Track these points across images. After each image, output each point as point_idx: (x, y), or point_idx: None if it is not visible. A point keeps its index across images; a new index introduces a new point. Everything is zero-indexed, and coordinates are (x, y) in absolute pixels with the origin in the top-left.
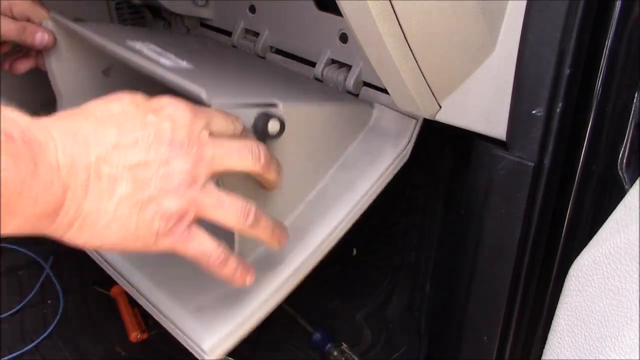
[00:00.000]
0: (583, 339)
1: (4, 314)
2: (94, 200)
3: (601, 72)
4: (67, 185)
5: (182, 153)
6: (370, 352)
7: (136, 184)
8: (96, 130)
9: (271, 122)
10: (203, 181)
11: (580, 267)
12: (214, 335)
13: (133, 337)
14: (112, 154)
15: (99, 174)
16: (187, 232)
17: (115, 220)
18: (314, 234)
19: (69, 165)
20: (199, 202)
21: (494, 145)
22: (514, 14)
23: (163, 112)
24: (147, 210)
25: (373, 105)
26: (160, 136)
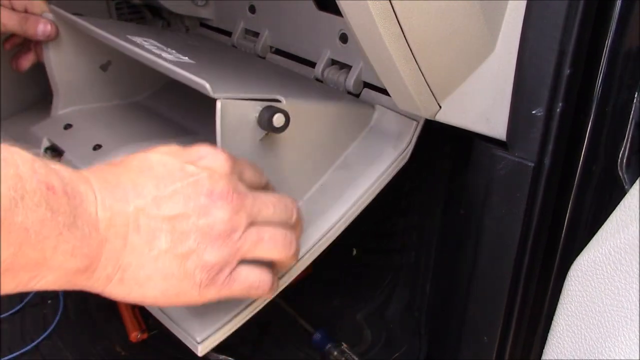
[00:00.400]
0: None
1: (4, 314)
2: (133, 254)
3: (601, 72)
4: (105, 238)
5: (221, 203)
6: (371, 352)
7: (176, 236)
8: (135, 182)
9: (277, 115)
10: (243, 229)
11: (580, 267)
12: (207, 327)
13: (133, 337)
14: (150, 206)
15: (138, 226)
16: (229, 278)
17: (156, 274)
18: (311, 232)
19: (107, 218)
20: (240, 249)
21: (494, 145)
22: (514, 14)
23: (201, 162)
24: (188, 263)
25: (374, 107)
26: (198, 187)
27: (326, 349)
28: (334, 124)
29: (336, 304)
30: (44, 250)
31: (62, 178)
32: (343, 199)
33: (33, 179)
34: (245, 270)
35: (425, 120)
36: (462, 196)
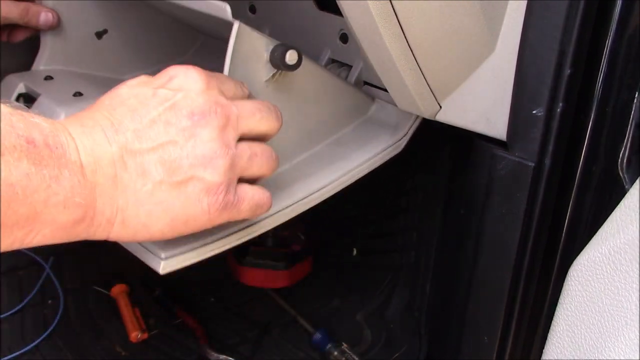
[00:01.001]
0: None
1: (4, 314)
2: (127, 192)
3: (602, 72)
4: (95, 183)
5: (205, 121)
6: (371, 352)
7: (167, 166)
8: (110, 121)
9: (289, 52)
10: (234, 144)
11: (580, 267)
12: (174, 248)
13: (133, 337)
14: (132, 141)
15: (124, 164)
16: (236, 197)
17: (157, 207)
18: (296, 190)
19: (92, 162)
20: (237, 164)
21: (494, 145)
22: (515, 14)
23: (174, 83)
24: (189, 189)
25: (374, 100)
26: (177, 110)
27: (326, 349)
28: (336, 100)
29: (336, 304)
30: (33, 204)
31: (41, 130)
32: (331, 169)
33: (12, 135)
34: (248, 188)
35: (425, 119)
36: (462, 196)
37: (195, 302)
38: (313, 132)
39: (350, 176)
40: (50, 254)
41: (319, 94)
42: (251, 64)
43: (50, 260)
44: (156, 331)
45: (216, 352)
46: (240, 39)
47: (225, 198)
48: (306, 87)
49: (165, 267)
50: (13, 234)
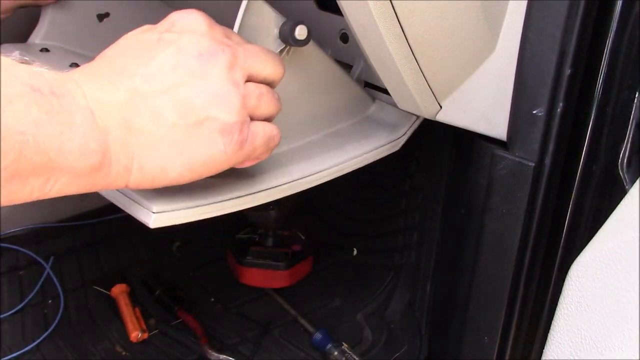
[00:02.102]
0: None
1: (4, 314)
2: (142, 137)
3: (602, 72)
4: (106, 129)
5: (213, 60)
6: (371, 352)
7: (180, 107)
8: (115, 68)
9: (299, 27)
10: (242, 82)
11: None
12: (166, 204)
13: (133, 337)
14: (141, 85)
15: (136, 108)
16: (250, 133)
17: (172, 150)
18: (293, 170)
19: (101, 108)
20: (248, 103)
21: (495, 145)
22: (515, 14)
23: (177, 26)
24: (204, 130)
25: (375, 100)
26: (183, 51)
27: (326, 349)
28: (339, 92)
29: (336, 304)
30: (47, 152)
31: (46, 79)
32: (326, 157)
33: (16, 84)
34: (259, 123)
35: (425, 119)
36: (462, 196)
37: (195, 302)
38: (314, 119)
39: (346, 166)
40: (50, 254)
41: (324, 81)
42: (260, 38)
43: (51, 260)
44: (156, 331)
45: (216, 352)
46: (250, 12)
47: (241, 136)
48: (312, 71)
49: (156, 221)
50: (30, 183)
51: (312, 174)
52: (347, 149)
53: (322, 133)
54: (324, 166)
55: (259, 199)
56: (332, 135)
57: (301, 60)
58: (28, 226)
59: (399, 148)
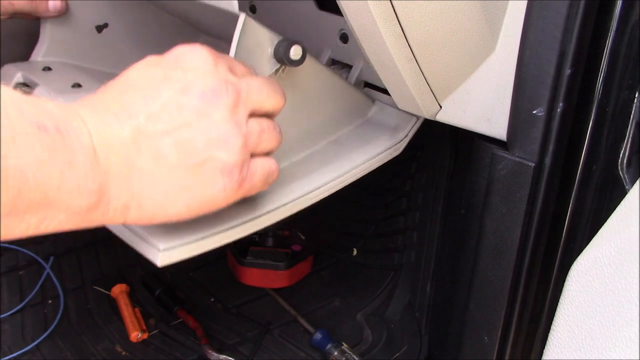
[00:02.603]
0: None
1: (4, 314)
2: (143, 177)
3: (602, 72)
4: (108, 168)
5: (217, 101)
6: (371, 352)
7: (182, 148)
8: (122, 103)
9: (294, 47)
10: (246, 122)
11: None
12: (173, 239)
13: (133, 337)
14: (145, 124)
15: (139, 148)
16: (249, 172)
17: (173, 190)
18: (295, 187)
19: (105, 147)
20: (249, 142)
21: (495, 145)
22: (515, 14)
23: (183, 64)
24: (205, 170)
25: (374, 102)
26: (188, 91)
27: (326, 349)
28: (337, 100)
29: (336, 304)
30: (46, 191)
31: (52, 116)
32: (330, 168)
33: (22, 121)
34: (258, 161)
35: (425, 119)
36: (462, 196)
37: (195, 302)
38: (314, 130)
39: (348, 176)
40: (50, 253)
41: (321, 93)
42: (255, 58)
43: (51, 260)
44: (156, 331)
45: (216, 352)
46: (245, 32)
47: (241, 175)
48: (309, 84)
49: (164, 259)
50: (25, 220)
51: (314, 189)
52: (348, 158)
53: (323, 143)
54: (325, 179)
55: (264, 222)
56: (333, 144)
57: (298, 75)
58: None
59: (400, 152)
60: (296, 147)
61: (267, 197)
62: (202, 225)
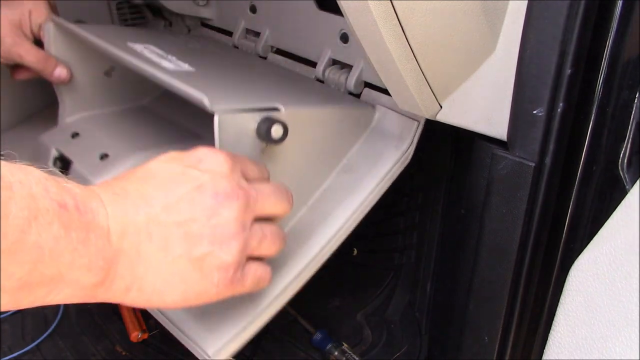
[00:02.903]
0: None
1: (4, 314)
2: (149, 262)
3: (602, 72)
4: (119, 250)
5: (228, 203)
6: (371, 352)
7: (189, 240)
8: (142, 192)
9: (274, 126)
10: (250, 225)
11: (581, 267)
12: (218, 339)
13: (134, 337)
14: (160, 213)
15: (150, 235)
16: (242, 274)
17: (174, 279)
18: (315, 238)
19: (119, 230)
20: (249, 246)
21: (495, 145)
22: (515, 14)
23: (202, 165)
24: (205, 264)
25: (375, 107)
26: (203, 190)
27: (326, 349)
28: (336, 128)
29: (336, 304)
30: (59, 266)
31: (74, 196)
32: (346, 204)
33: (46, 199)
34: (253, 265)
35: (425, 120)
36: (462, 196)
37: None
38: (322, 167)
39: (364, 207)
40: None
41: (318, 132)
42: (240, 146)
43: None
44: (157, 331)
45: None
46: (224, 128)
47: (234, 275)
48: (304, 133)
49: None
50: (35, 292)
51: (333, 236)
52: (361, 186)
53: (334, 173)
54: (342, 220)
55: (294, 289)
56: (344, 171)
57: (294, 128)
58: None
59: (409, 161)
60: (310, 190)
61: (290, 261)
62: (239, 312)
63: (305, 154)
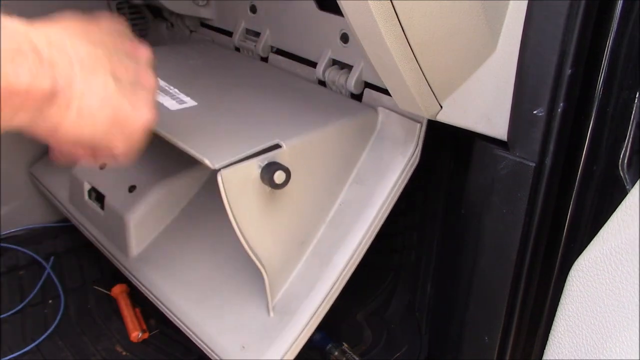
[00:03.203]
0: (583, 339)
1: (4, 314)
2: (83, 82)
3: (602, 72)
4: (51, 59)
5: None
6: (371, 352)
7: (116, 68)
8: (65, 28)
9: (277, 173)
10: None
11: (581, 267)
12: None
13: (134, 337)
14: (87, 46)
15: (80, 59)
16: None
17: (107, 102)
18: (338, 257)
19: (46, 44)
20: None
21: (495, 145)
22: (516, 14)
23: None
24: (136, 91)
25: (377, 110)
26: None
27: (327, 349)
28: (343, 142)
29: (336, 304)
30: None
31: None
32: (363, 218)
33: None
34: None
35: (428, 122)
36: (462, 196)
37: None
38: (334, 183)
39: (378, 220)
40: (50, 253)
41: (325, 153)
42: (248, 189)
43: (51, 260)
44: (156, 331)
45: None
46: (229, 180)
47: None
48: (314, 155)
49: None
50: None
51: (354, 252)
52: (374, 198)
53: (347, 185)
54: (361, 235)
55: (325, 309)
56: (356, 182)
57: (301, 156)
58: (28, 226)
59: (417, 163)
60: (326, 207)
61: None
62: (277, 342)
63: (316, 176)
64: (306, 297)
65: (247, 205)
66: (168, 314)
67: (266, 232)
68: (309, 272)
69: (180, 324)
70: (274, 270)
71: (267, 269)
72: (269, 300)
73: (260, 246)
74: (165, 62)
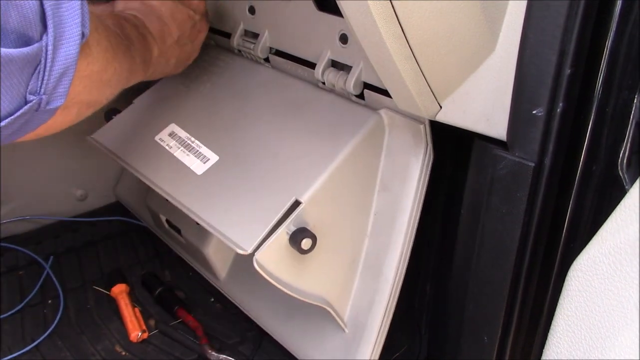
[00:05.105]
0: (583, 339)
1: (4, 314)
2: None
3: (602, 72)
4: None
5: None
6: None
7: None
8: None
9: (304, 241)
10: None
11: (580, 267)
12: None
13: (133, 337)
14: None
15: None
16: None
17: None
18: (387, 267)
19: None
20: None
21: (495, 145)
22: (515, 14)
23: None
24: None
25: (380, 113)
26: None
27: None
28: (358, 162)
29: None
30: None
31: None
32: (398, 225)
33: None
34: None
35: (429, 121)
36: (462, 196)
37: (195, 302)
38: (364, 197)
39: (413, 225)
40: (50, 253)
41: (349, 173)
42: (283, 254)
43: (50, 260)
44: (156, 331)
45: (216, 352)
46: (265, 259)
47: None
48: (335, 191)
49: None
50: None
51: (400, 258)
52: (402, 204)
53: (375, 195)
54: (401, 241)
55: (389, 319)
56: (382, 190)
57: (327, 193)
58: (28, 226)
59: (432, 160)
60: (364, 222)
61: (377, 297)
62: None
63: (347, 202)
64: (369, 309)
65: (287, 268)
66: (265, 329)
67: (315, 274)
68: (366, 285)
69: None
70: (337, 296)
71: (330, 299)
72: (339, 322)
73: (314, 288)
74: (177, 99)
